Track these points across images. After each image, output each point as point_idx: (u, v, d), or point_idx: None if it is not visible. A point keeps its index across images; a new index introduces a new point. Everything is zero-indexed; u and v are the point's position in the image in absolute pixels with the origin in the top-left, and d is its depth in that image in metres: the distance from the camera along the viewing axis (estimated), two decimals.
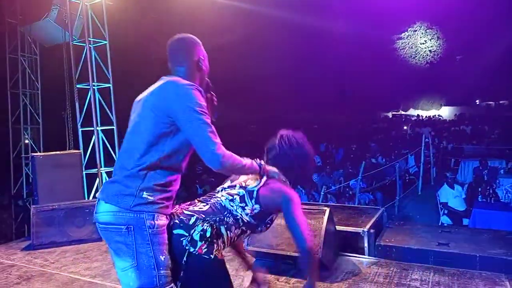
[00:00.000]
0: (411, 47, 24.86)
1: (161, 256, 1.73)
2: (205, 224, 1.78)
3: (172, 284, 1.77)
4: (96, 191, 6.31)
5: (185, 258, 1.73)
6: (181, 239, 1.76)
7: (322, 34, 21.42)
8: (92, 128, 6.37)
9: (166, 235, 1.77)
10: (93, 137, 6.35)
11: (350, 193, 7.97)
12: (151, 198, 1.74)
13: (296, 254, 3.37)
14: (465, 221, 6.55)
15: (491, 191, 7.15)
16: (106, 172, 6.45)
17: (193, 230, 1.76)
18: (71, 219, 4.79)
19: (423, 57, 24.96)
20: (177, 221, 1.80)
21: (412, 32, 24.62)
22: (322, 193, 7.72)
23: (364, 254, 3.94)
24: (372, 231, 4.05)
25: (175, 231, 1.78)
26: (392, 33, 24.27)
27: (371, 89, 25.43)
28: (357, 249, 3.95)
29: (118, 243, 1.74)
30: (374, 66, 22.99)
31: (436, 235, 4.17)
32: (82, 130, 6.43)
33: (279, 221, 3.17)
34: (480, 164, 9.18)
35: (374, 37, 20.99)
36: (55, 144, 6.28)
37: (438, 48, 24.70)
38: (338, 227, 3.92)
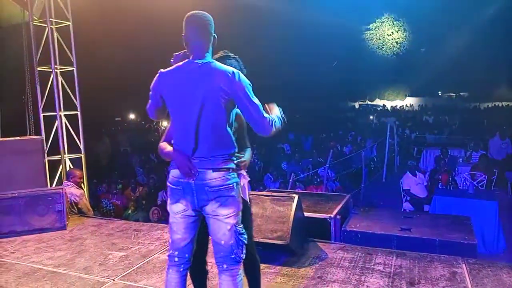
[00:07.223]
0: (379, 38, 25.38)
1: None
2: None
3: None
4: (59, 178, 6.08)
5: None
6: None
7: (289, 22, 21.31)
8: (55, 113, 6.11)
9: None
10: (56, 122, 6.10)
11: (318, 180, 8.11)
12: None
13: (273, 242, 3.40)
14: (426, 207, 6.83)
15: (450, 178, 7.47)
16: (69, 159, 6.23)
17: None
18: (32, 207, 4.63)
19: (389, 49, 25.56)
20: None
21: (380, 23, 25.11)
22: (290, 180, 7.81)
23: (330, 240, 4.04)
24: (338, 217, 4.16)
25: None
26: (360, 24, 24.64)
27: (339, 79, 25.87)
28: (324, 235, 4.05)
29: None
30: (343, 57, 23.31)
31: (399, 221, 4.34)
32: (43, 115, 6.15)
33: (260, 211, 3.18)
34: (441, 152, 9.56)
35: (342, 28, 21.19)
36: (14, 130, 5.96)
37: (404, 40, 25.36)
38: (306, 214, 3.99)
